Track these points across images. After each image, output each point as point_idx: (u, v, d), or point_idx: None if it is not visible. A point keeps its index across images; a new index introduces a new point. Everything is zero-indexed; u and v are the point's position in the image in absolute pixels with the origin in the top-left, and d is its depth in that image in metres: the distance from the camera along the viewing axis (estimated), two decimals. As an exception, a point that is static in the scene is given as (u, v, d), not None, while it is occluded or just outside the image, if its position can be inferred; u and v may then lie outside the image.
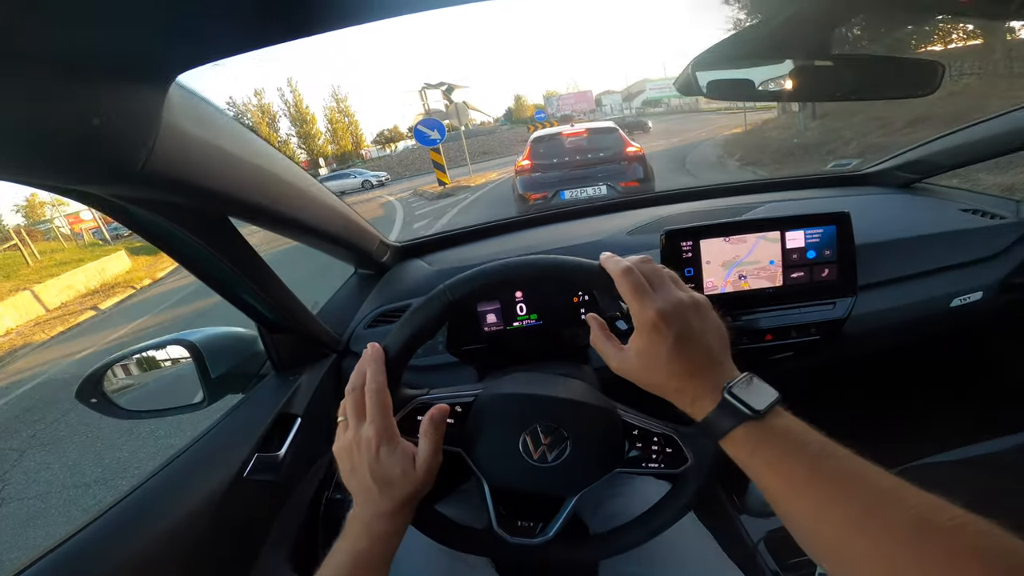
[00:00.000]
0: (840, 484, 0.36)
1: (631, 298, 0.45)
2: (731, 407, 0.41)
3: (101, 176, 0.41)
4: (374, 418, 0.49)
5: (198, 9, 0.32)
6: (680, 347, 0.43)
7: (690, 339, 0.43)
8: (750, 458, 0.40)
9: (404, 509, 0.50)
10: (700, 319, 0.45)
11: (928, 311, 1.00)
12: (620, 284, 0.46)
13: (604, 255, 0.52)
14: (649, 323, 0.43)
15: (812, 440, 0.39)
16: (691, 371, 0.43)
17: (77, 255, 14.87)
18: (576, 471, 0.60)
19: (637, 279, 0.45)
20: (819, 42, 0.68)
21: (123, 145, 0.39)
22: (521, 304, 0.91)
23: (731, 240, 0.88)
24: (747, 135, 13.40)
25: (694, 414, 0.44)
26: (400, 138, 57.55)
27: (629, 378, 0.47)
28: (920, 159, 1.27)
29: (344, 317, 1.03)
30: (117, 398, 0.84)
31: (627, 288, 0.45)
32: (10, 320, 9.53)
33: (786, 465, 0.38)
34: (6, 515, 2.89)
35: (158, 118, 0.41)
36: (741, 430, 0.40)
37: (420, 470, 0.50)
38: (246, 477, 0.73)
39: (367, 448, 0.48)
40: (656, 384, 0.45)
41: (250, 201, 0.60)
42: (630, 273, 0.46)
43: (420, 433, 0.52)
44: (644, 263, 0.48)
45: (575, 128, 6.00)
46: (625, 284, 0.45)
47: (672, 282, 0.47)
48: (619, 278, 0.46)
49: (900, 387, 1.40)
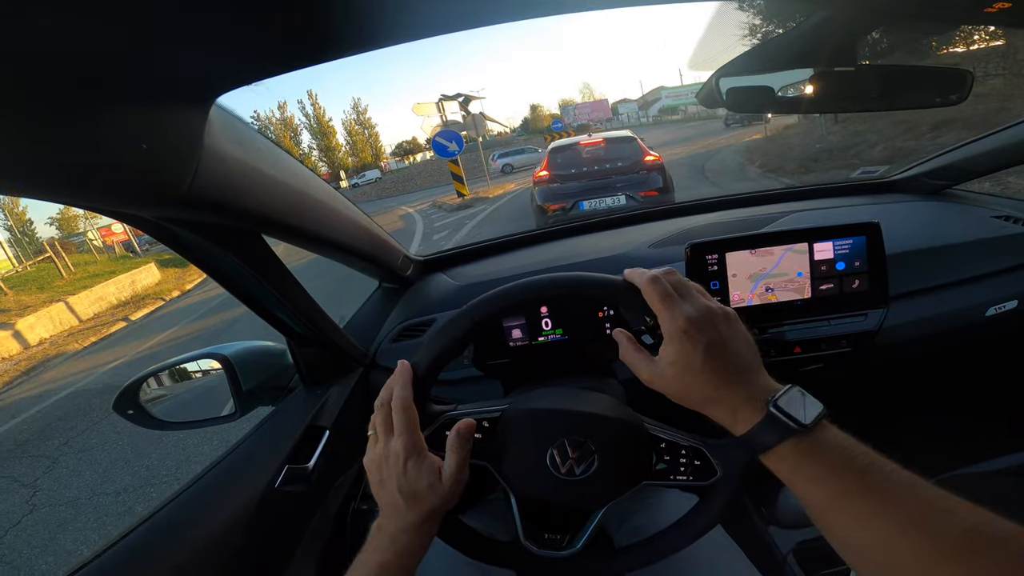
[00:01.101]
0: (888, 498, 0.35)
1: (660, 306, 0.45)
2: (777, 421, 0.40)
3: (149, 199, 0.43)
4: (401, 432, 0.50)
5: (240, 30, 0.34)
6: (712, 354, 0.42)
7: (721, 346, 0.43)
8: (794, 472, 0.40)
9: (429, 522, 0.50)
10: (729, 328, 0.45)
11: (962, 321, 0.98)
12: (648, 293, 0.46)
13: (628, 269, 0.52)
14: (679, 331, 0.43)
15: (859, 454, 0.38)
16: (726, 379, 0.42)
17: (109, 267, 15.35)
18: (603, 484, 0.60)
19: (664, 287, 0.46)
20: (844, 51, 0.68)
21: (169, 168, 0.41)
22: (546, 319, 0.92)
23: (757, 252, 0.87)
24: (768, 141, 13.21)
25: (734, 427, 0.43)
26: (419, 149, 58.30)
27: (661, 389, 0.46)
28: (949, 165, 1.25)
29: (370, 331, 1.05)
30: (151, 408, 0.87)
31: (655, 296, 0.45)
32: (44, 330, 9.86)
33: (833, 480, 0.38)
34: (38, 520, 2.97)
35: (200, 141, 0.43)
36: (787, 445, 0.39)
37: (446, 484, 0.50)
38: (277, 488, 0.74)
39: (395, 461, 0.49)
40: (690, 394, 0.44)
41: (284, 220, 0.62)
42: (657, 282, 0.46)
43: (447, 447, 0.53)
44: (669, 274, 0.48)
45: (593, 138, 6.00)
46: (653, 293, 0.45)
47: (698, 292, 0.48)
48: (646, 287, 0.46)
49: (935, 397, 1.36)
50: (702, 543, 0.58)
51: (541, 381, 0.91)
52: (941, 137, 7.60)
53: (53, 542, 2.72)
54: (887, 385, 1.33)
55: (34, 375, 7.34)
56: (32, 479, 3.50)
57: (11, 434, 4.62)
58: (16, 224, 32.06)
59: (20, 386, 6.84)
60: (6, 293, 12.28)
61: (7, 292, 12.35)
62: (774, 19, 13.37)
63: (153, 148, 0.38)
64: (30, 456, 3.95)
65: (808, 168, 8.61)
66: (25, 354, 8.88)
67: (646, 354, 0.48)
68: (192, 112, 0.41)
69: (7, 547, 2.77)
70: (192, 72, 0.37)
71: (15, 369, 7.84)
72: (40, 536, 2.81)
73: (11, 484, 3.51)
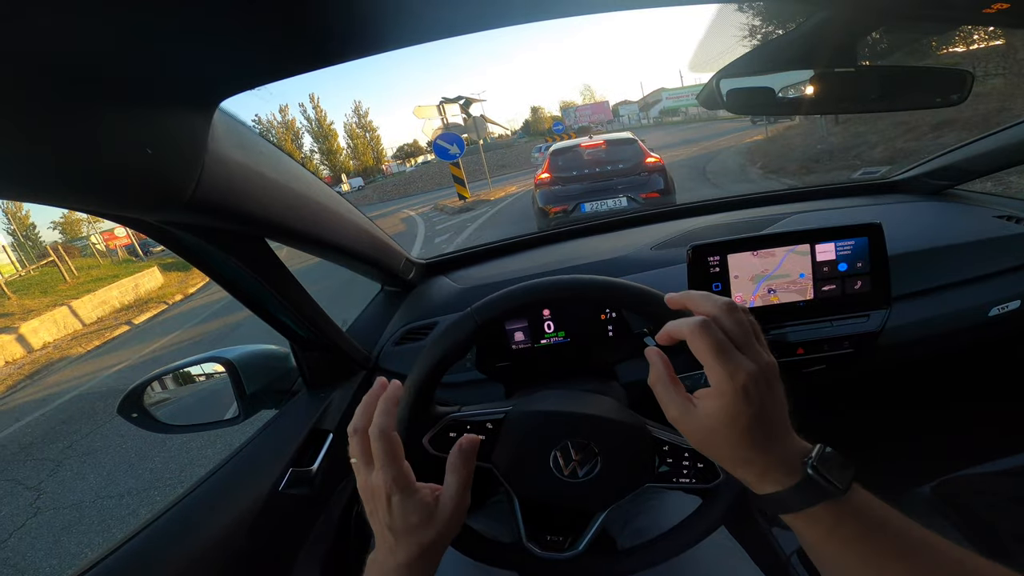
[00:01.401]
0: (922, 560, 0.35)
1: (712, 359, 0.38)
2: (814, 484, 0.37)
3: (153, 204, 0.43)
4: (383, 465, 0.44)
5: (243, 35, 0.34)
6: (763, 417, 0.38)
7: (773, 408, 0.39)
8: (828, 535, 0.38)
9: (425, 558, 0.45)
10: (779, 385, 0.40)
11: (965, 321, 0.98)
12: (697, 346, 0.39)
13: (671, 297, 0.47)
14: (736, 389, 0.37)
15: (891, 516, 0.37)
16: (766, 444, 0.39)
17: (112, 271, 15.39)
18: (606, 486, 0.60)
19: (717, 338, 0.39)
20: (844, 52, 0.68)
21: (174, 173, 0.41)
22: (549, 322, 0.92)
23: (759, 254, 0.87)
24: (769, 142, 13.21)
25: (759, 486, 0.40)
26: (420, 152, 58.43)
27: (686, 434, 0.41)
28: (951, 165, 1.25)
29: (373, 334, 1.05)
30: (156, 412, 0.87)
31: (705, 347, 0.38)
32: (48, 334, 9.90)
33: (868, 544, 0.36)
34: (42, 523, 2.97)
35: (204, 145, 0.43)
36: (821, 507, 0.37)
37: (445, 512, 0.45)
38: (281, 491, 0.74)
39: (379, 496, 0.44)
40: (718, 449, 0.40)
41: (287, 224, 0.62)
42: (709, 330, 0.39)
43: (447, 466, 0.48)
44: (728, 313, 0.41)
45: (593, 140, 6.01)
46: (703, 345, 0.38)
47: (757, 337, 0.42)
48: (696, 339, 0.39)
49: (938, 398, 1.36)
50: (705, 545, 0.58)
51: (543, 384, 0.91)
52: (942, 137, 7.59)
53: (57, 545, 2.73)
54: (890, 386, 1.32)
55: (38, 379, 7.36)
56: (36, 482, 3.51)
57: (15, 437, 4.64)
58: (19, 228, 32.19)
59: (24, 390, 6.86)
60: (9, 297, 12.32)
61: (10, 296, 12.39)
62: (774, 20, 13.39)
63: (157, 152, 0.38)
64: (34, 459, 3.97)
65: (809, 169, 8.60)
66: (29, 358, 8.91)
67: (682, 390, 0.42)
68: (196, 116, 0.42)
69: (11, 550, 2.78)
70: (195, 76, 0.38)
71: (19, 373, 7.87)
72: (44, 539, 2.81)
73: (15, 487, 3.52)
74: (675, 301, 0.46)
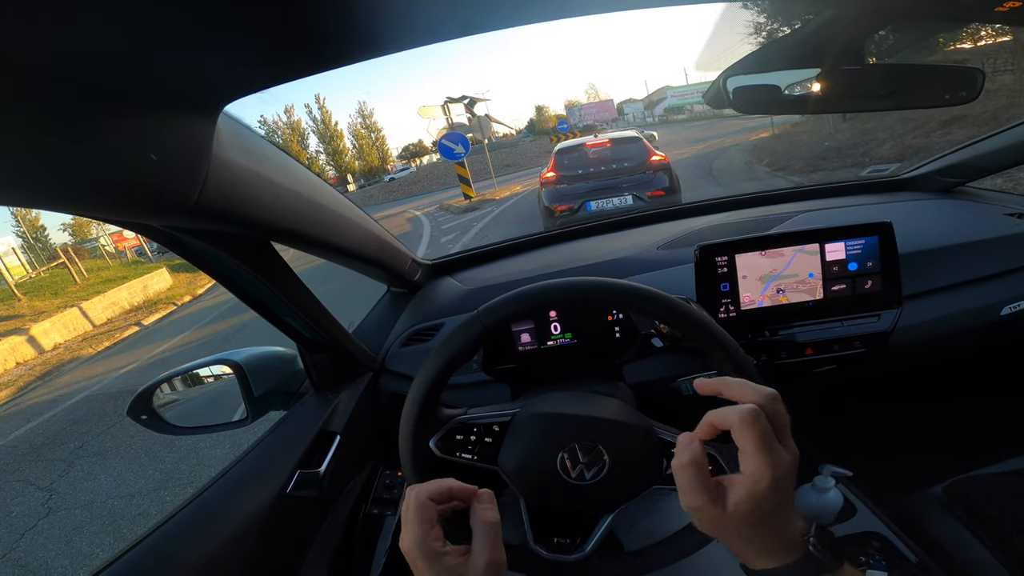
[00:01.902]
0: None
1: (755, 450, 0.38)
2: (815, 560, 0.38)
3: (159, 210, 0.43)
4: (410, 526, 0.44)
5: (247, 37, 0.34)
6: (784, 504, 0.39)
7: (789, 494, 0.40)
8: None
9: None
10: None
11: (977, 320, 0.97)
12: (745, 432, 0.38)
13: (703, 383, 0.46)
14: (773, 480, 0.37)
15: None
16: (775, 525, 0.40)
17: (121, 273, 15.50)
18: (613, 489, 0.60)
19: (767, 430, 0.38)
20: (852, 50, 0.67)
21: (178, 179, 0.41)
22: (555, 323, 0.92)
23: (768, 254, 0.87)
24: (775, 139, 13.12)
25: (755, 562, 0.40)
26: (425, 152, 58.51)
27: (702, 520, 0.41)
28: (961, 162, 1.23)
29: (379, 336, 1.05)
30: (165, 413, 0.88)
31: (753, 438, 0.38)
32: (58, 335, 9.99)
33: None
34: (53, 524, 3.00)
35: (209, 150, 0.43)
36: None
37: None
38: (289, 493, 0.75)
39: (408, 557, 0.44)
40: (727, 532, 0.40)
41: (293, 227, 0.62)
42: (759, 422, 0.38)
43: (473, 528, 0.46)
44: (772, 403, 0.41)
45: (598, 138, 6.00)
46: (751, 433, 0.38)
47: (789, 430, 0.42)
48: (744, 427, 0.38)
49: (949, 397, 1.35)
50: (712, 547, 0.58)
51: (550, 385, 0.91)
52: (951, 134, 7.51)
53: (69, 545, 2.76)
54: (901, 385, 1.31)
55: (49, 379, 7.43)
56: (48, 483, 3.55)
57: (27, 438, 4.68)
58: (29, 230, 32.53)
59: (35, 390, 6.93)
60: (20, 299, 12.46)
61: (21, 298, 12.52)
62: (779, 17, 13.30)
63: (161, 158, 0.38)
64: (45, 460, 4.00)
65: (816, 166, 8.54)
66: (40, 359, 9.00)
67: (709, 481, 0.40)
68: (200, 121, 0.42)
69: (23, 550, 2.81)
70: (199, 81, 0.38)
71: (30, 374, 7.95)
72: (56, 539, 2.84)
73: (27, 488, 3.56)
74: (708, 388, 0.45)
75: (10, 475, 3.87)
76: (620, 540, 0.79)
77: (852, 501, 1.02)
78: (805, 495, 1.01)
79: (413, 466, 0.63)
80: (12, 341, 9.12)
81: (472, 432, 0.64)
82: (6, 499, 3.46)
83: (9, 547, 2.85)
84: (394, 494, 0.89)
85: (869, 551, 0.92)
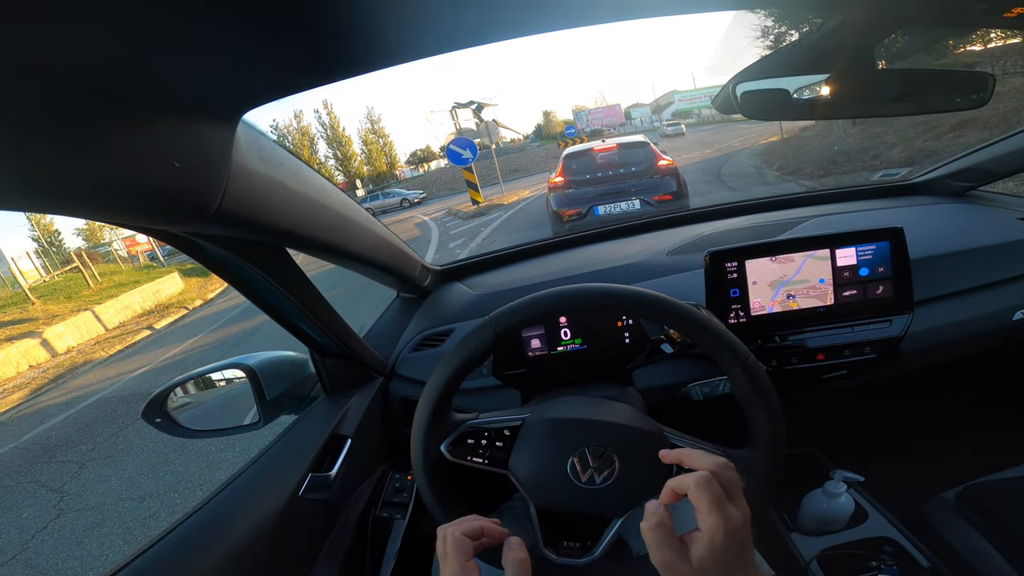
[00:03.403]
0: None
1: (709, 509, 0.43)
2: None
3: (182, 217, 0.44)
4: (451, 563, 0.49)
5: (268, 45, 0.34)
6: (742, 555, 0.43)
7: (746, 545, 0.44)
8: None
9: None
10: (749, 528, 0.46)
11: (989, 325, 0.96)
12: (699, 494, 0.43)
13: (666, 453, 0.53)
14: (727, 534, 0.42)
15: None
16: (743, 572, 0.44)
17: (134, 277, 15.68)
18: (624, 493, 0.60)
19: (716, 492, 0.43)
20: (862, 56, 0.67)
21: (201, 186, 0.42)
22: (565, 329, 0.92)
23: (778, 259, 0.87)
24: (785, 143, 13.05)
25: None
26: (433, 157, 58.79)
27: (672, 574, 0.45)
28: (973, 166, 1.22)
29: (389, 341, 1.06)
30: (178, 416, 0.89)
31: (707, 499, 0.43)
32: (71, 339, 10.11)
33: None
34: (65, 526, 3.02)
35: (229, 157, 0.44)
36: None
37: None
38: (301, 496, 0.75)
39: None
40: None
41: (307, 234, 0.63)
42: (711, 486, 0.44)
43: (505, 566, 0.51)
44: (724, 470, 0.46)
45: (606, 143, 6.00)
46: (705, 495, 0.43)
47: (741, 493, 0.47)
48: (700, 489, 0.43)
49: (961, 402, 1.33)
50: None
51: (560, 390, 0.91)
52: (962, 137, 7.45)
53: (80, 547, 2.77)
54: (912, 391, 1.30)
55: (62, 382, 7.52)
56: (60, 484, 3.58)
57: (39, 440, 4.73)
58: (43, 235, 33.00)
59: (48, 393, 7.01)
60: (34, 302, 12.63)
61: (35, 301, 12.69)
62: (787, 21, 13.25)
63: (184, 166, 0.39)
64: (57, 461, 4.04)
65: (826, 171, 8.48)
66: (53, 362, 9.11)
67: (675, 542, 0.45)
68: (220, 129, 0.43)
69: (34, 551, 2.83)
70: (220, 88, 0.38)
71: (43, 376, 8.05)
72: (66, 541, 2.86)
73: (39, 489, 3.59)
74: (669, 457, 0.53)
75: (22, 476, 3.91)
76: (628, 544, 0.79)
77: (864, 506, 1.01)
78: (816, 500, 1.01)
79: (425, 470, 0.64)
80: (26, 344, 9.25)
81: (483, 436, 0.65)
82: (18, 500, 3.50)
83: (20, 548, 2.88)
84: (403, 497, 0.89)
85: (881, 556, 0.91)
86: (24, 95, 0.27)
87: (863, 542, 0.95)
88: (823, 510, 0.99)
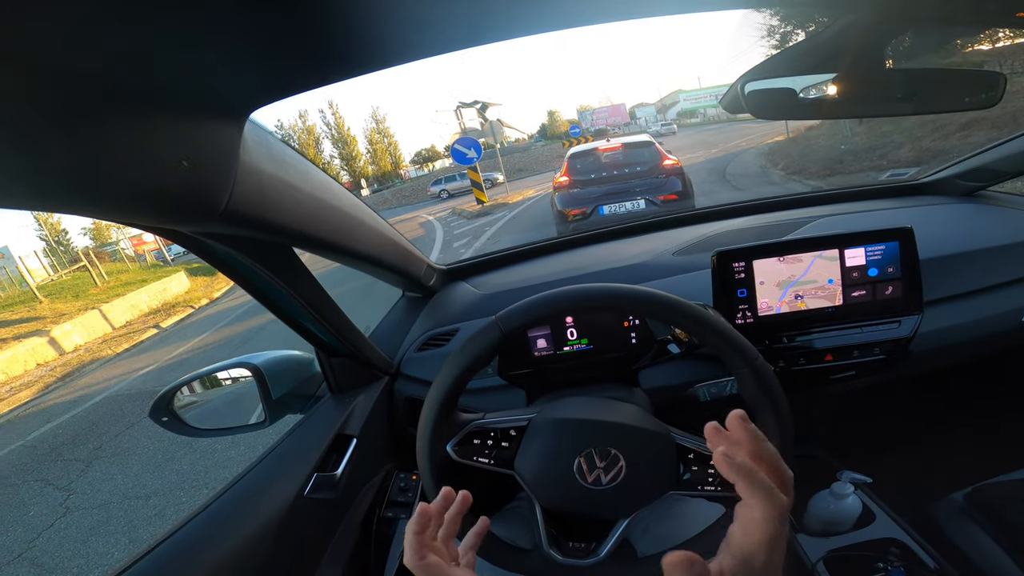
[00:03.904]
0: None
1: (752, 492, 0.39)
2: None
3: (190, 216, 0.44)
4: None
5: (275, 44, 0.35)
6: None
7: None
8: None
9: None
10: None
11: (999, 326, 0.95)
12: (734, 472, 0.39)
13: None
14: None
15: None
16: None
17: (140, 276, 15.76)
18: (630, 494, 0.60)
19: (756, 473, 0.39)
20: (871, 55, 0.67)
21: (209, 185, 0.42)
22: (572, 329, 0.92)
23: (786, 260, 0.86)
24: (791, 143, 12.97)
25: None
26: (438, 157, 58.85)
27: None
28: (982, 166, 1.21)
29: (395, 340, 1.06)
30: (185, 415, 0.89)
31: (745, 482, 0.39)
32: (79, 337, 10.18)
33: None
34: (71, 524, 3.04)
35: (236, 156, 0.44)
36: None
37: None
38: (306, 495, 0.75)
39: None
40: None
41: (314, 233, 0.63)
42: (747, 470, 0.39)
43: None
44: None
45: (611, 143, 6.00)
46: (741, 478, 0.39)
47: None
48: (735, 470, 0.39)
49: (970, 403, 1.32)
50: None
51: (566, 390, 0.91)
52: (970, 137, 7.39)
53: (85, 545, 2.79)
54: (921, 391, 1.29)
55: (69, 381, 7.56)
56: (66, 482, 3.60)
57: (46, 438, 4.76)
58: (51, 234, 33.26)
59: (56, 391, 7.06)
60: (42, 301, 12.73)
61: (42, 300, 12.79)
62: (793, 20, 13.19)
63: (193, 165, 0.39)
64: (64, 459, 4.07)
65: (833, 170, 8.43)
66: (61, 360, 9.18)
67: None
68: (228, 127, 0.43)
69: (40, 549, 2.85)
70: (228, 87, 0.39)
71: (51, 375, 8.11)
72: (72, 539, 2.88)
73: (46, 487, 3.62)
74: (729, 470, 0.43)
75: (29, 475, 3.94)
76: (633, 545, 0.79)
77: (871, 507, 1.01)
78: (823, 501, 1.00)
79: (431, 470, 0.63)
80: (34, 343, 9.32)
81: (489, 436, 0.65)
82: (24, 498, 3.52)
83: (26, 546, 2.90)
84: (408, 497, 0.89)
85: (888, 557, 0.90)
86: (34, 94, 0.28)
87: (870, 543, 0.94)
88: (830, 511, 0.98)
